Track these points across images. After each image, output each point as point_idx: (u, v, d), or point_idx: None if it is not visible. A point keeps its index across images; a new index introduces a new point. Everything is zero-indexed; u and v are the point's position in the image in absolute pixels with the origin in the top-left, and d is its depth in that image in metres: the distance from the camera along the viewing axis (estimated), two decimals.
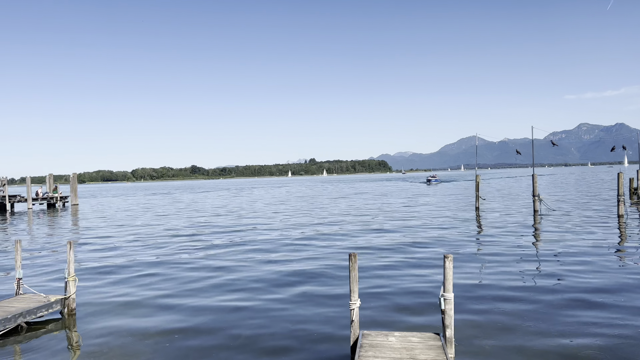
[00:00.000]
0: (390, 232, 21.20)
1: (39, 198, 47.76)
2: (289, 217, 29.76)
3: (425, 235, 19.74)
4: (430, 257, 14.96)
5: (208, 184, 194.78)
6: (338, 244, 18.30)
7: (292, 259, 15.56)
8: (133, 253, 17.62)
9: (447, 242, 17.72)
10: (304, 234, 21.37)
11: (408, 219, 26.41)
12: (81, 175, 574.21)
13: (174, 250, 17.99)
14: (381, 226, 23.38)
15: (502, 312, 9.29)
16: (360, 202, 42.45)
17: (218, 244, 19.20)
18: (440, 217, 26.71)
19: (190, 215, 34.36)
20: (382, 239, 19.22)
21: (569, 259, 14.28)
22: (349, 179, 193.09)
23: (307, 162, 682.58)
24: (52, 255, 17.83)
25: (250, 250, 17.47)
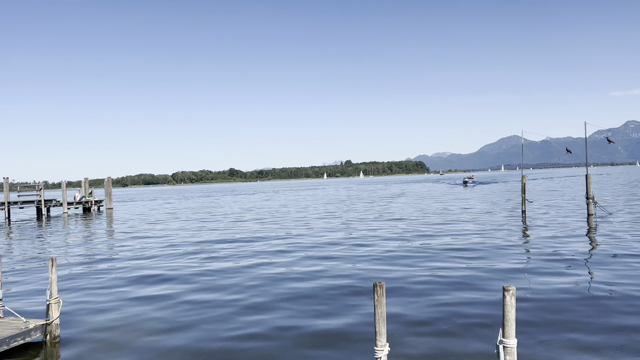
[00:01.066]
0: (423, 240, 19.34)
1: (74, 202, 48.04)
2: (316, 222, 28.29)
3: (464, 244, 17.67)
4: (473, 274, 13.08)
5: (245, 187, 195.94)
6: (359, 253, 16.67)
7: (306, 270, 14.05)
8: (154, 265, 16.51)
9: (490, 253, 15.78)
10: (329, 239, 19.86)
11: (443, 225, 24.23)
12: (124, 179, 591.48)
13: (196, 263, 16.78)
14: (411, 234, 21.56)
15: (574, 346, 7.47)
16: (387, 205, 40.56)
17: (230, 255, 17.89)
18: (482, 222, 24.38)
19: (219, 221, 33.35)
20: (409, 248, 17.44)
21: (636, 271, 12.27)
22: (385, 180, 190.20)
23: (343, 163, 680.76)
24: (69, 266, 16.94)
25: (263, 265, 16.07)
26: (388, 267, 14.03)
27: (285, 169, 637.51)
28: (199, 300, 11.19)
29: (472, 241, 18.27)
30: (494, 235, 19.59)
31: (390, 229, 23.30)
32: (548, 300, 10.02)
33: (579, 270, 12.67)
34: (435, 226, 23.60)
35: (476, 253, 15.75)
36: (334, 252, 17.15)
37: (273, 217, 33.01)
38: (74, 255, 18.79)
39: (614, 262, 13.47)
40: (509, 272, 12.74)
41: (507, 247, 16.75)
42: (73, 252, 19.69)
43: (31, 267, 16.50)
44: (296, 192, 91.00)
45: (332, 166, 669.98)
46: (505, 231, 20.66)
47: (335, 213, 34.43)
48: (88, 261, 17.35)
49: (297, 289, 11.94)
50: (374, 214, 32.22)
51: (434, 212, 31.30)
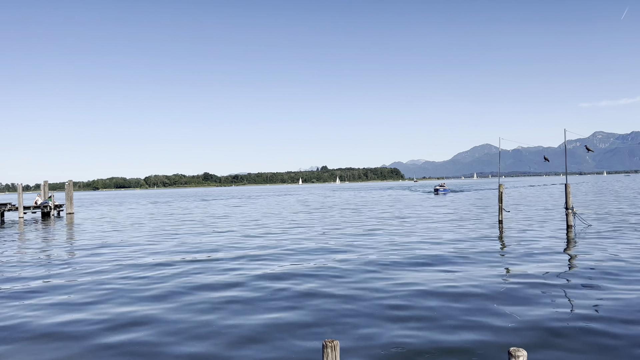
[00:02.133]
0: (386, 256, 18.10)
1: (37, 207, 45.45)
2: (283, 229, 26.83)
3: (433, 257, 16.50)
4: (449, 291, 11.87)
5: (218, 191, 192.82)
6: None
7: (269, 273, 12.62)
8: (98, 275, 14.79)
9: (464, 267, 14.60)
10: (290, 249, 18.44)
11: (409, 237, 22.92)
12: (95, 182, 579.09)
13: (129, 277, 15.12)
14: (378, 244, 20.29)
15: None
16: (352, 214, 39.34)
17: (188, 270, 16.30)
18: (455, 234, 23.13)
19: (169, 228, 31.56)
20: (375, 265, 16.15)
21: (623, 285, 11.23)
22: (360, 187, 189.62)
23: (319, 169, 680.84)
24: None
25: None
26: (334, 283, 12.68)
27: (261, 174, 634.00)
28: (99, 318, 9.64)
29: (444, 253, 17.09)
30: (468, 248, 18.26)
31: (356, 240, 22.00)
32: (539, 335, 8.79)
33: (568, 291, 11.54)
34: (400, 237, 22.21)
35: (449, 266, 14.55)
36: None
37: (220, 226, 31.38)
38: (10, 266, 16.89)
39: (606, 281, 12.40)
40: (484, 297, 11.53)
41: (482, 261, 15.60)
42: (10, 263, 17.76)
43: None
44: (269, 197, 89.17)
45: (308, 172, 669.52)
46: (480, 243, 19.44)
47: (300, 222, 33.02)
48: (24, 276, 15.51)
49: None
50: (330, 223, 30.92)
51: (403, 222, 30.18)
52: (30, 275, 15.44)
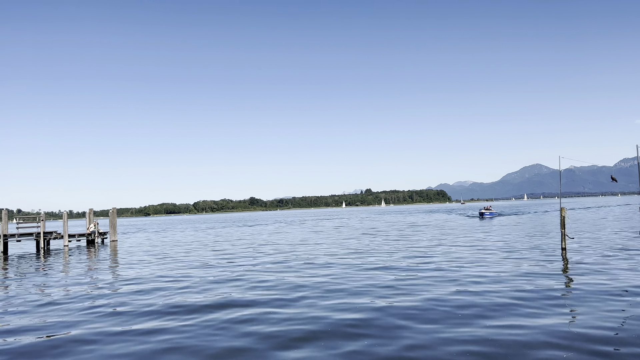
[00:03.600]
0: (424, 291, 16.08)
1: (81, 234, 45.82)
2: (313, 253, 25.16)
3: (486, 304, 13.75)
4: (503, 338, 9.89)
5: (264, 216, 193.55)
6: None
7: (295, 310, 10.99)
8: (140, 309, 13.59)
9: (525, 313, 12.44)
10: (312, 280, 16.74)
11: (451, 272, 20.09)
12: (146, 208, 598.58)
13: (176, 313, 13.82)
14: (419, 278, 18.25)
15: None
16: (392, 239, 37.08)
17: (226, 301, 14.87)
18: (508, 266, 20.57)
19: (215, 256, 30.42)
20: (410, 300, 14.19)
21: None
22: (404, 210, 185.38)
23: (363, 192, 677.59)
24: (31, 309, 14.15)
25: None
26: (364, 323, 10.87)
27: (305, 198, 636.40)
28: None
29: (495, 292, 14.94)
30: (526, 287, 15.56)
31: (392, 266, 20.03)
32: None
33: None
34: (441, 273, 19.56)
35: (503, 312, 12.47)
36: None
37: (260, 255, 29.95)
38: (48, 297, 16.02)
39: None
40: (547, 345, 9.48)
41: (548, 307, 13.38)
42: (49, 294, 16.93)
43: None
44: (315, 221, 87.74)
45: (352, 195, 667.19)
46: (541, 281, 16.58)
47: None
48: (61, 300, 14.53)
49: None
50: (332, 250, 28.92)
51: (448, 253, 27.87)
52: (66, 322, 14.44)
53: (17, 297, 17.46)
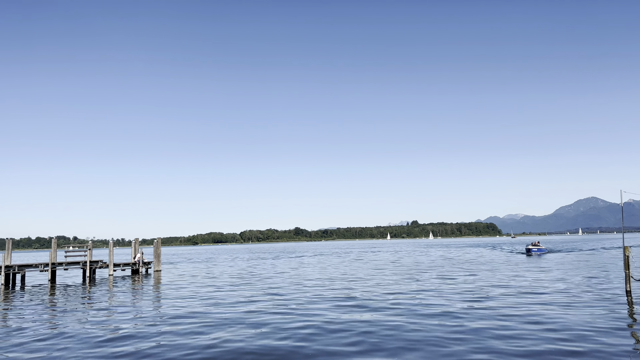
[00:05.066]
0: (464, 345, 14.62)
1: (126, 264, 46.50)
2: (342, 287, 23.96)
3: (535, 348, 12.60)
4: None
5: (308, 246, 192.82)
6: None
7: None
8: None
9: None
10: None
11: (506, 323, 17.55)
12: (194, 237, 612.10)
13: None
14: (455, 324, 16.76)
15: None
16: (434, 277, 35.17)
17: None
18: (568, 315, 18.15)
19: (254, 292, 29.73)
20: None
21: None
22: (451, 243, 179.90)
23: (409, 224, 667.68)
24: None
25: None
26: None
27: (350, 229, 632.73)
28: None
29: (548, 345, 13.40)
30: (591, 339, 14.06)
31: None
32: None
33: None
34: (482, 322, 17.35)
35: None
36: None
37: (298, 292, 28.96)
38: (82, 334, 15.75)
39: None
40: None
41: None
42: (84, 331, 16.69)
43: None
44: (363, 254, 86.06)
45: (398, 226, 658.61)
46: (606, 338, 14.72)
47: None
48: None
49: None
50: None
51: (494, 296, 25.93)
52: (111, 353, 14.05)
53: (28, 330, 17.30)
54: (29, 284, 38.18)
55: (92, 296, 28.44)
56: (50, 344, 14.96)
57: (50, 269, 38.76)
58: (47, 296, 29.18)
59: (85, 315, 20.87)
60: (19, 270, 37.10)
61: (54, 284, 37.39)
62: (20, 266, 37.46)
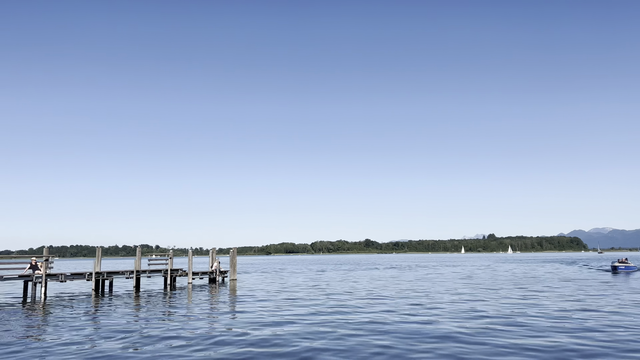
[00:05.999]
0: None
1: (204, 273, 48.34)
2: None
3: None
4: None
5: (379, 259, 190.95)
6: None
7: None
8: None
9: None
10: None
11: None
12: (268, 247, 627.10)
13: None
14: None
15: None
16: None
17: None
18: None
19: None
20: None
21: None
22: (529, 258, 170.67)
23: (485, 237, 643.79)
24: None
25: None
26: None
27: (422, 242, 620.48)
28: None
29: None
30: None
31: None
32: None
33: None
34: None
35: None
36: None
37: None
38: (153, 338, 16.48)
39: None
40: None
41: None
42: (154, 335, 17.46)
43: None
44: (438, 268, 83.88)
45: (473, 240, 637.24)
46: None
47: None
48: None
49: None
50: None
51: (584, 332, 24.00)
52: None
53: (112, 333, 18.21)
54: (116, 290, 40.63)
55: (173, 302, 29.72)
56: (140, 345, 15.74)
57: (135, 276, 41.02)
58: (132, 301, 30.85)
59: (171, 320, 21.80)
60: (108, 276, 39.56)
61: (138, 290, 39.51)
62: (109, 273, 39.94)
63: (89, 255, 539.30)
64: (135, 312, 25.25)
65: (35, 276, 35.00)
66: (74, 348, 15.86)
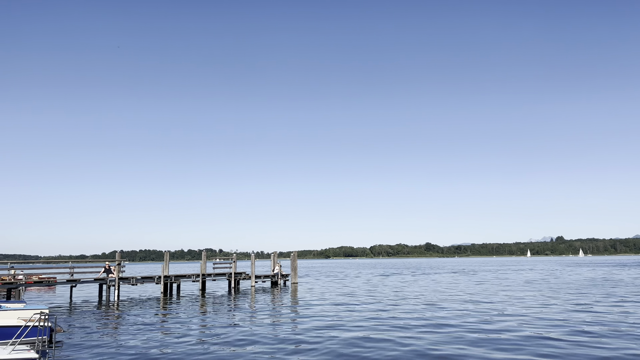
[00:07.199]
0: None
1: (267, 276, 49.11)
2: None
3: None
4: None
5: (441, 263, 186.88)
6: None
7: None
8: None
9: None
10: None
11: None
12: (327, 251, 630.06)
13: None
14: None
15: None
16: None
17: None
18: None
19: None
20: None
21: None
22: (603, 262, 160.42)
23: (553, 240, 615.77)
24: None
25: None
26: None
27: (486, 245, 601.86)
28: None
29: None
30: None
31: None
32: None
33: None
34: None
35: None
36: None
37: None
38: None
39: None
40: None
41: None
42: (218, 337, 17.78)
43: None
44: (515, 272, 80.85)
45: (540, 242, 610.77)
46: None
47: None
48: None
49: None
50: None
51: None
52: None
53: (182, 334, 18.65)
54: (184, 293, 42.00)
55: (237, 304, 30.29)
56: (217, 347, 16.09)
57: (200, 280, 42.25)
58: (198, 303, 31.74)
59: (237, 322, 22.21)
60: (175, 280, 40.97)
61: (204, 293, 40.65)
62: (176, 276, 41.36)
63: (157, 259, 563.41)
64: (202, 315, 25.92)
65: (109, 279, 36.82)
66: (145, 347, 16.43)
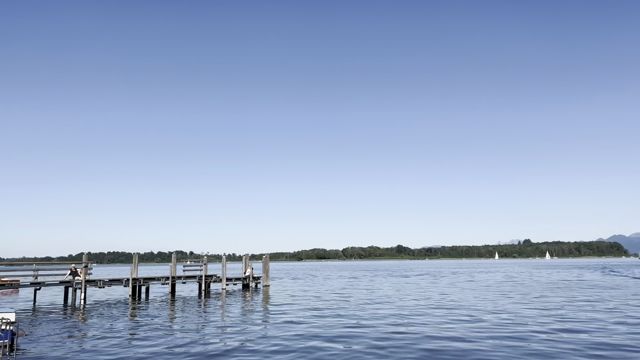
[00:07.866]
0: None
1: (238, 279, 48.75)
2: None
3: None
4: None
5: (411, 265, 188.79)
6: None
7: None
8: None
9: None
10: None
11: None
12: (299, 253, 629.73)
13: None
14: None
15: None
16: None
17: None
18: None
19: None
20: None
21: None
22: (568, 264, 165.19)
23: (520, 243, 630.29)
24: None
25: None
26: None
27: (456, 247, 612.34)
28: None
29: None
30: None
31: None
32: None
33: None
34: None
35: None
36: None
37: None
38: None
39: None
40: None
41: None
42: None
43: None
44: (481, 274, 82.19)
45: (508, 245, 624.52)
46: None
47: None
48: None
49: None
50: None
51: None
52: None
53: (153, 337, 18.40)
54: (153, 296, 41.30)
55: (207, 308, 29.97)
56: (180, 352, 15.88)
57: (170, 282, 41.65)
58: (168, 306, 31.28)
59: (205, 326, 21.97)
60: (144, 282, 40.27)
61: (174, 296, 40.07)
62: (145, 279, 40.66)
63: (125, 262, 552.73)
64: (170, 319, 25.56)
65: (76, 282, 35.94)
66: (112, 350, 16.12)
